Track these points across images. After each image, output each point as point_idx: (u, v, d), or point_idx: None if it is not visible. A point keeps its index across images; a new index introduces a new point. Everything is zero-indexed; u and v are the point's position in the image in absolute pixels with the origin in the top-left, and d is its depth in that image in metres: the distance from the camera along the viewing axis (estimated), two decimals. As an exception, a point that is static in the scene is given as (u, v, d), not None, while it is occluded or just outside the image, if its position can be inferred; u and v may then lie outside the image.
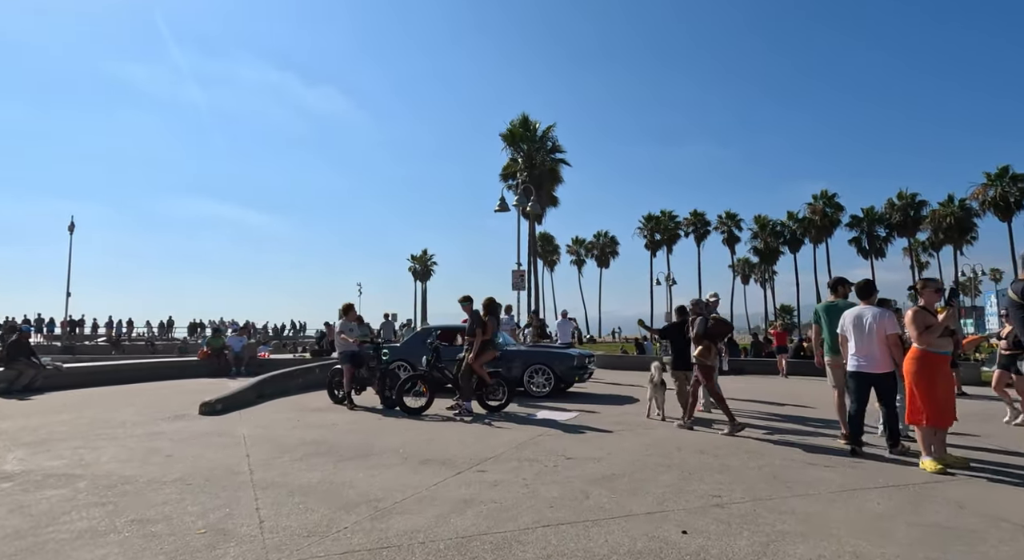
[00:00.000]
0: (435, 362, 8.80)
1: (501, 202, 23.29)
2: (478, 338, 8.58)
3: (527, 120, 32.43)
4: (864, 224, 57.10)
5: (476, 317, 8.71)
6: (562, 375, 10.89)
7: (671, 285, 54.44)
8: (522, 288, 23.20)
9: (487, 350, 8.68)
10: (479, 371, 8.67)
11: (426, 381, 8.70)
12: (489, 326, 8.68)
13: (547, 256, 69.53)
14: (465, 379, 8.56)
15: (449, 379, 8.82)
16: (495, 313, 8.91)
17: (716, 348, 7.53)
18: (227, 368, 15.55)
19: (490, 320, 8.71)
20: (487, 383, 8.83)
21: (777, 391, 12.63)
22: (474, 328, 8.64)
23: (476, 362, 8.59)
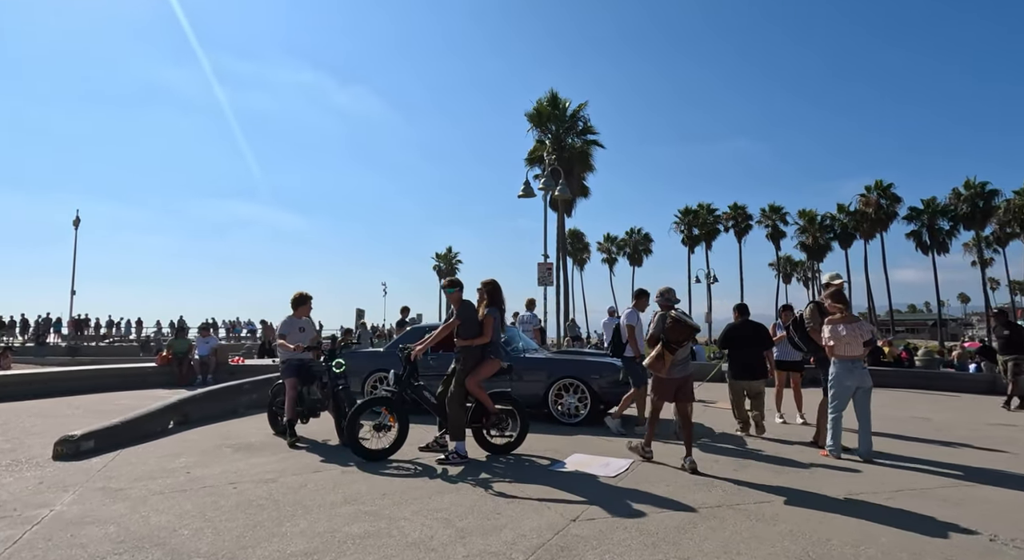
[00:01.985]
0: (407, 377, 5.82)
1: (526, 186, 20.21)
2: (473, 341, 5.64)
3: (556, 97, 29.24)
4: (925, 217, 52.24)
5: (467, 311, 5.73)
6: (603, 393, 7.77)
7: (711, 283, 50.57)
8: (549, 283, 20.12)
9: (487, 360, 5.69)
10: (476, 392, 5.69)
11: (393, 407, 5.71)
12: (489, 323, 5.70)
13: (577, 254, 66.17)
14: (455, 406, 5.57)
15: (431, 405, 5.83)
16: (498, 303, 5.87)
17: (672, 358, 5.38)
18: (191, 376, 12.85)
19: (491, 314, 5.72)
20: (490, 411, 5.83)
21: (899, 415, 9.29)
22: (467, 327, 5.68)
23: (472, 379, 5.63)
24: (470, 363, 5.64)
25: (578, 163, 29.73)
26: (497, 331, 5.77)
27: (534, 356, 8.37)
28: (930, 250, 52.01)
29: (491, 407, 5.78)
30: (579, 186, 32.36)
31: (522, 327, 11.72)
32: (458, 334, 5.69)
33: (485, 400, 5.75)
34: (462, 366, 5.66)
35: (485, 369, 5.68)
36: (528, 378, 8.08)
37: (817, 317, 6.28)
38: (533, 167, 29.51)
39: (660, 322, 5.42)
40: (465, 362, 5.65)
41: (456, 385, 5.63)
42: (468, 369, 5.63)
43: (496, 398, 5.91)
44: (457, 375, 5.68)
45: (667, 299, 5.91)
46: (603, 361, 8.07)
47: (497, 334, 5.78)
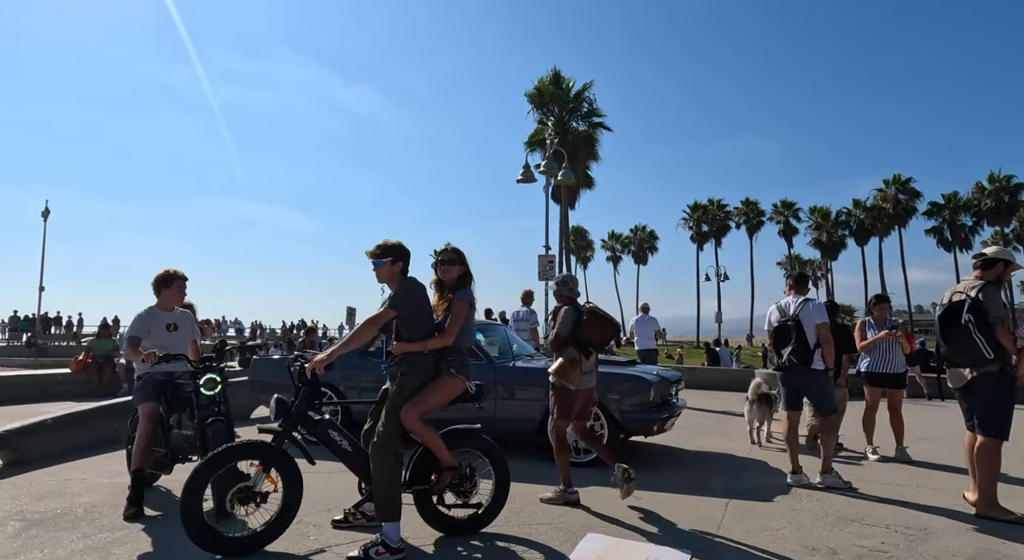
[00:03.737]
0: (300, 407, 3.41)
1: (525, 170, 17.89)
2: (425, 345, 3.37)
3: (559, 76, 26.68)
4: (946, 212, 49.72)
5: (411, 294, 3.40)
6: (625, 419, 5.40)
7: (722, 281, 48.10)
8: (551, 277, 17.77)
9: (443, 378, 3.39)
10: (420, 432, 3.35)
11: (272, 459, 3.31)
12: (461, 315, 3.43)
13: (580, 251, 63.78)
14: (383, 458, 3.24)
15: (343, 453, 3.42)
16: (466, 282, 3.58)
17: (586, 363, 4.14)
18: (113, 384, 10.54)
19: (464, 299, 3.45)
20: (444, 463, 3.45)
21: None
22: (412, 322, 3.38)
23: (412, 410, 3.30)
24: (411, 383, 3.33)
25: (583, 148, 27.30)
26: (469, 329, 3.47)
27: (529, 365, 6.01)
28: (952, 247, 49.57)
29: (446, 457, 3.42)
30: (583, 175, 29.97)
31: (516, 326, 9.35)
32: (397, 334, 3.39)
33: (435, 445, 3.39)
34: (398, 387, 3.34)
35: (437, 393, 3.35)
36: (521, 396, 5.73)
37: (1001, 307, 3.87)
38: (534, 152, 27.19)
39: (571, 317, 4.14)
40: (404, 381, 3.33)
41: (386, 421, 3.29)
42: (407, 393, 3.31)
43: (456, 439, 3.57)
44: (388, 404, 3.35)
45: (571, 289, 4.39)
46: (625, 372, 5.69)
47: (467, 334, 3.48)
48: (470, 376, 3.47)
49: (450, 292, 3.48)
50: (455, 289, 3.50)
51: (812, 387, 4.86)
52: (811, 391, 4.90)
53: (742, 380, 13.36)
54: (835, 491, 4.70)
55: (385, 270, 3.43)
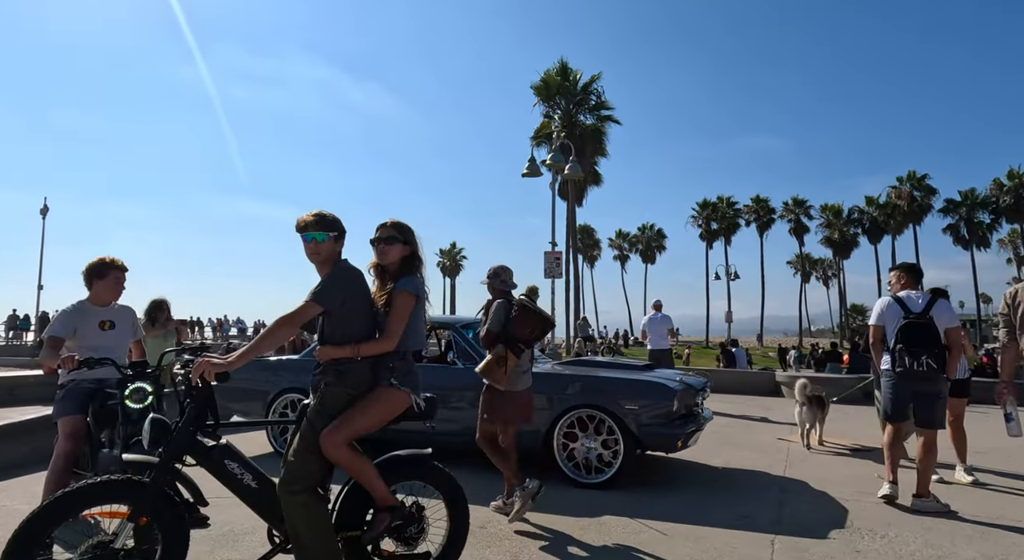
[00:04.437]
0: (185, 429, 2.51)
1: (530, 164, 17.09)
2: (358, 350, 2.56)
3: (566, 68, 25.82)
4: (963, 209, 48.50)
5: (346, 281, 2.59)
6: (643, 433, 4.60)
7: (732, 279, 47.13)
8: (558, 275, 17.03)
9: (381, 391, 2.59)
10: (348, 463, 2.52)
11: (146, 501, 2.39)
12: (406, 310, 2.61)
13: (587, 250, 62.95)
14: (292, 495, 2.44)
15: (242, 490, 2.54)
16: (418, 270, 2.76)
17: (514, 361, 3.74)
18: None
19: (407, 290, 2.63)
20: (382, 502, 2.59)
21: None
22: (339, 320, 2.59)
23: (337, 434, 2.48)
24: (337, 397, 2.55)
25: (591, 142, 26.45)
26: (416, 329, 2.68)
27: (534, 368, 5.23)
28: (969, 245, 48.39)
29: (382, 493, 2.58)
30: (590, 171, 29.15)
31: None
32: (322, 334, 2.64)
33: (368, 478, 2.57)
34: (319, 403, 2.56)
35: (372, 411, 2.57)
36: (523, 403, 4.93)
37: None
38: (540, 147, 26.42)
39: (502, 312, 3.83)
40: (327, 396, 2.55)
41: (298, 447, 2.51)
42: (331, 410, 2.53)
43: (398, 469, 2.74)
44: (304, 424, 2.56)
45: (504, 282, 4.00)
46: (644, 378, 4.89)
47: (415, 335, 2.68)
48: (419, 388, 2.70)
49: (391, 280, 2.69)
50: (397, 276, 2.69)
51: (934, 396, 4.17)
52: (930, 401, 4.17)
53: (760, 383, 12.54)
54: (930, 514, 3.96)
55: (326, 249, 2.62)
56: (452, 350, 5.31)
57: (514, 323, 3.77)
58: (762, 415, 8.93)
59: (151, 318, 6.87)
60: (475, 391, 5.05)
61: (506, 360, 3.73)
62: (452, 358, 5.21)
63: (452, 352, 5.26)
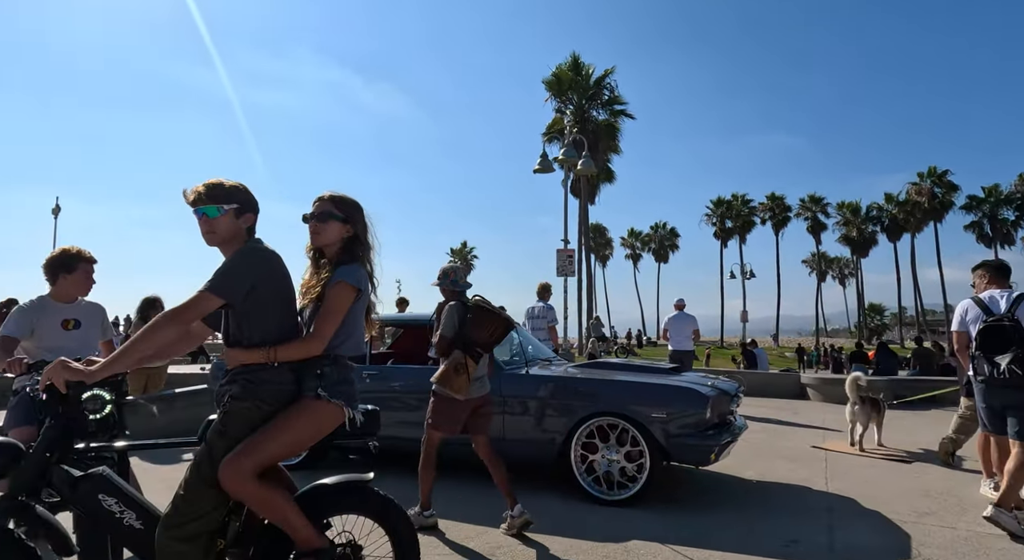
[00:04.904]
0: (41, 454, 2.00)
1: (542, 159, 16.62)
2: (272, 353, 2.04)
3: (578, 63, 25.26)
4: (986, 206, 47.32)
5: (242, 264, 2.05)
6: (673, 445, 4.09)
7: (747, 278, 46.28)
8: (571, 273, 16.53)
9: (305, 403, 2.06)
10: (257, 499, 1.98)
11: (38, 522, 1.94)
12: (342, 306, 2.12)
13: (599, 249, 62.35)
14: (172, 540, 1.91)
15: (128, 533, 2.01)
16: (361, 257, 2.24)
17: (474, 368, 3.45)
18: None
19: (345, 281, 2.12)
20: (304, 545, 2.04)
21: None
22: (250, 318, 2.07)
23: (237, 463, 1.94)
24: (245, 415, 2.03)
25: (603, 138, 25.89)
26: (353, 329, 2.20)
27: (547, 372, 4.76)
28: (992, 243, 47.22)
29: (305, 534, 2.03)
30: (603, 167, 28.61)
31: (531, 324, 8.10)
32: (227, 334, 2.14)
33: (286, 516, 2.01)
34: (221, 422, 2.04)
35: (293, 430, 2.05)
36: (536, 412, 4.47)
37: None
38: (551, 143, 25.95)
39: (455, 315, 3.53)
40: (232, 412, 2.03)
41: (189, 478, 1.98)
42: (235, 431, 2.02)
43: (327, 502, 2.18)
44: (201, 450, 2.04)
45: (455, 282, 3.70)
46: (672, 383, 4.39)
47: (351, 336, 2.19)
48: (355, 399, 2.19)
49: (329, 268, 2.22)
50: (336, 264, 2.20)
51: None
52: (1019, 411, 3.68)
53: (785, 385, 11.95)
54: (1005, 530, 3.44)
55: (224, 227, 2.10)
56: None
57: (471, 326, 3.45)
58: (790, 419, 8.40)
59: (143, 317, 6.49)
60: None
61: (466, 367, 3.40)
62: (459, 360, 4.74)
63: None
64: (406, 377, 4.92)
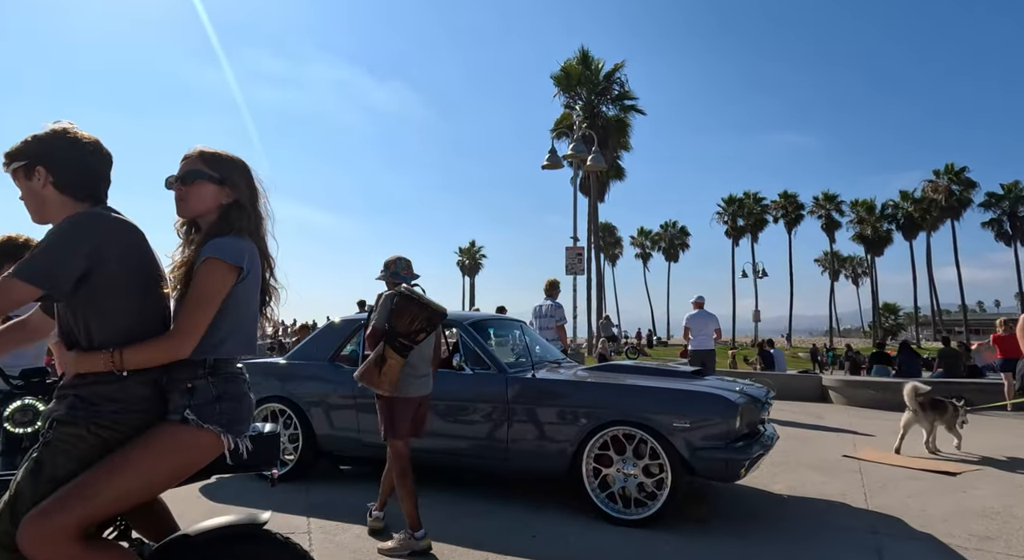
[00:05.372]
0: None
1: (551, 155, 16.23)
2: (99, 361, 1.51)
3: (587, 57, 24.78)
4: (1006, 203, 46.30)
5: (71, 238, 1.52)
6: (697, 459, 3.63)
7: (759, 277, 45.55)
8: (580, 272, 16.10)
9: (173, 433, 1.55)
10: None
11: None
12: (205, 294, 1.58)
13: (608, 248, 61.81)
14: None
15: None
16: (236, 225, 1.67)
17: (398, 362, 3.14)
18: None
19: (207, 264, 1.59)
20: None
21: None
22: (80, 309, 1.56)
23: (51, 517, 1.39)
24: (72, 445, 1.48)
25: (614, 134, 25.39)
26: (243, 325, 1.69)
27: (556, 375, 4.32)
28: (1012, 240, 46.27)
29: None
30: (613, 164, 28.11)
31: (539, 323, 7.66)
32: (62, 333, 1.62)
33: None
34: (38, 457, 1.49)
35: (143, 467, 1.49)
36: (545, 420, 4.04)
37: None
38: (560, 140, 25.51)
39: (386, 305, 3.26)
40: (55, 443, 1.49)
41: None
42: (61, 468, 1.46)
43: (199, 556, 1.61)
44: (5, 499, 1.48)
45: (396, 273, 3.50)
46: (696, 388, 3.93)
47: (241, 334, 1.69)
48: (244, 421, 1.66)
49: (198, 241, 1.72)
50: (211, 234, 1.67)
51: None
52: None
53: (806, 387, 11.42)
54: None
55: (36, 192, 1.62)
56: (459, 353, 4.43)
57: (393, 316, 3.17)
58: (814, 423, 7.91)
59: None
60: (488, 402, 4.17)
61: (385, 360, 3.11)
62: (459, 362, 4.32)
63: (459, 355, 4.37)
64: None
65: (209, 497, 4.26)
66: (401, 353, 3.11)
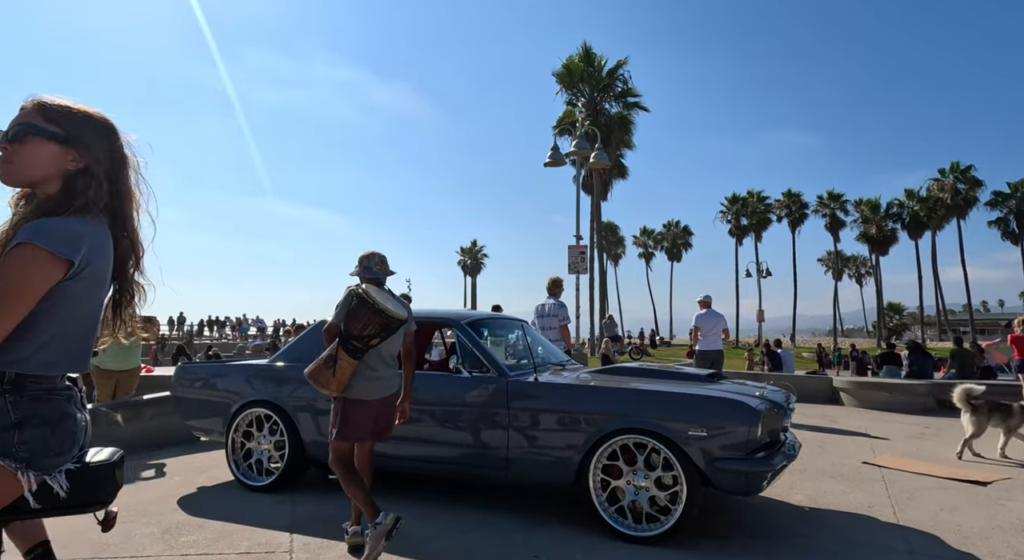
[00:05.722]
0: None
1: (553, 152, 16.00)
2: None
3: (590, 53, 24.40)
4: (1012, 201, 45.84)
5: None
6: (715, 470, 3.32)
7: (763, 277, 45.18)
8: (583, 270, 15.85)
9: None
10: None
11: None
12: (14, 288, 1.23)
13: (610, 248, 61.49)
14: None
15: None
16: (80, 201, 1.31)
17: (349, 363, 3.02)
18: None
19: (17, 250, 1.24)
20: None
21: None
22: None
23: None
24: None
25: (616, 131, 25.07)
26: (68, 331, 1.34)
27: (559, 379, 4.01)
28: (1019, 239, 45.84)
29: None
30: (616, 163, 27.77)
31: (541, 323, 7.35)
32: None
33: None
34: None
35: None
36: (548, 427, 3.73)
37: None
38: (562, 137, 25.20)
39: (344, 304, 3.11)
40: None
41: None
42: None
43: None
44: None
45: (368, 268, 3.31)
46: (711, 393, 3.61)
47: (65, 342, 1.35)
48: (60, 453, 1.34)
49: (18, 217, 1.36)
50: (41, 211, 1.32)
51: None
52: None
53: (816, 388, 11.06)
54: None
55: None
56: (456, 354, 4.12)
57: (348, 317, 3.06)
58: (828, 427, 7.60)
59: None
60: (487, 408, 3.87)
61: (336, 360, 2.99)
62: (456, 365, 4.01)
63: (456, 357, 4.06)
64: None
65: (186, 509, 3.96)
66: (353, 356, 2.97)
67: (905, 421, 8.20)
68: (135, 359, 6.12)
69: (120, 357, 5.85)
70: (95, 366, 5.79)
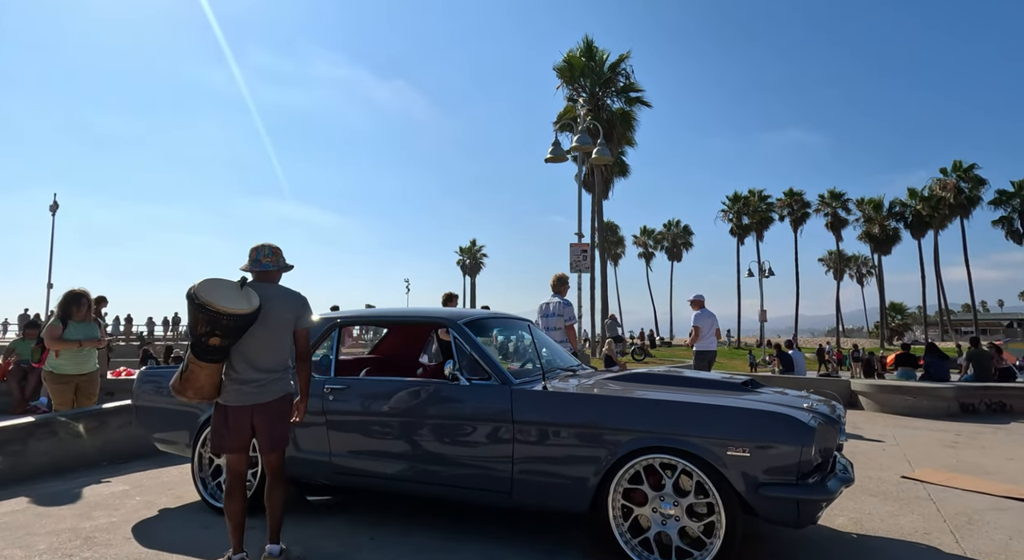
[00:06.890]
0: None
1: (554, 147, 15.39)
2: None
3: (591, 47, 23.86)
4: (1017, 200, 45.39)
5: None
6: (759, 499, 2.78)
7: (765, 276, 44.64)
8: (584, 269, 15.25)
9: None
10: None
11: None
12: None
13: (611, 248, 61.01)
14: None
15: None
16: None
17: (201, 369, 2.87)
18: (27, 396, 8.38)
19: None
20: None
21: None
22: None
23: None
24: None
25: (618, 127, 24.53)
26: None
27: (570, 388, 3.47)
28: (1023, 239, 45.40)
29: None
30: (617, 160, 27.24)
31: (546, 323, 6.81)
32: None
33: None
34: None
35: None
36: (558, 443, 3.19)
37: None
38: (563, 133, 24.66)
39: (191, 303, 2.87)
40: None
41: None
42: None
43: None
44: None
45: (257, 261, 3.04)
46: (751, 405, 3.06)
47: None
48: None
49: None
50: None
51: None
52: None
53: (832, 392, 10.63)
54: None
55: None
56: (452, 359, 3.57)
57: (191, 318, 2.87)
58: (853, 433, 7.09)
59: (63, 315, 5.29)
60: (488, 421, 3.34)
61: (188, 366, 2.87)
62: (452, 371, 3.47)
63: (452, 361, 3.52)
64: (386, 392, 3.65)
65: (141, 538, 3.42)
66: (201, 358, 2.78)
67: (933, 428, 7.69)
68: (94, 361, 5.56)
69: (79, 360, 5.31)
70: (49, 372, 5.25)
